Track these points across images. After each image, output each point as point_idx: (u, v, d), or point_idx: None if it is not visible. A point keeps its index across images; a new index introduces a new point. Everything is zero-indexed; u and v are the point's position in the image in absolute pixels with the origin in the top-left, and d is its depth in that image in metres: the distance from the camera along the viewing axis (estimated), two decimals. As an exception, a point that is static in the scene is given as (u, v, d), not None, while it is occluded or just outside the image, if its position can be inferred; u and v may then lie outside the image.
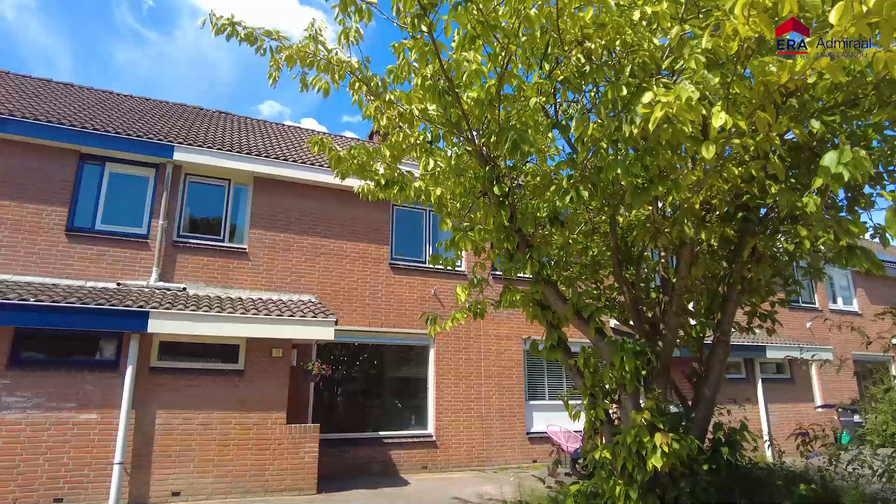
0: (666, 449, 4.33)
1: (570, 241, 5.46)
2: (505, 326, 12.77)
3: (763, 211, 5.36)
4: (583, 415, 5.44)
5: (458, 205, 5.17)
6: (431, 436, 11.55)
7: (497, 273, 12.54)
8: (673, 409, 5.64)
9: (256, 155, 11.14)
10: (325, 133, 16.46)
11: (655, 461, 4.37)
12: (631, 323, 6.04)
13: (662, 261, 5.93)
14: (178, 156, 10.45)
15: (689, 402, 5.86)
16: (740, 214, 4.95)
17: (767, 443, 6.41)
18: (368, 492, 9.11)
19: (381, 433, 11.26)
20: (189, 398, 8.53)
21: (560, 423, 12.08)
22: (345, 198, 11.76)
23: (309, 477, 8.92)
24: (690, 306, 6.58)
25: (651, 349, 5.02)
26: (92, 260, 9.67)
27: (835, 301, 18.99)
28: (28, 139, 9.56)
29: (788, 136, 4.76)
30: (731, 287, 5.40)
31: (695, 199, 4.40)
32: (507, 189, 4.82)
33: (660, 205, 5.35)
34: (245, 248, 10.85)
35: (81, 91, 13.74)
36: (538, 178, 5.39)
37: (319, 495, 8.73)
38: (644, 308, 5.80)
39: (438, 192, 4.79)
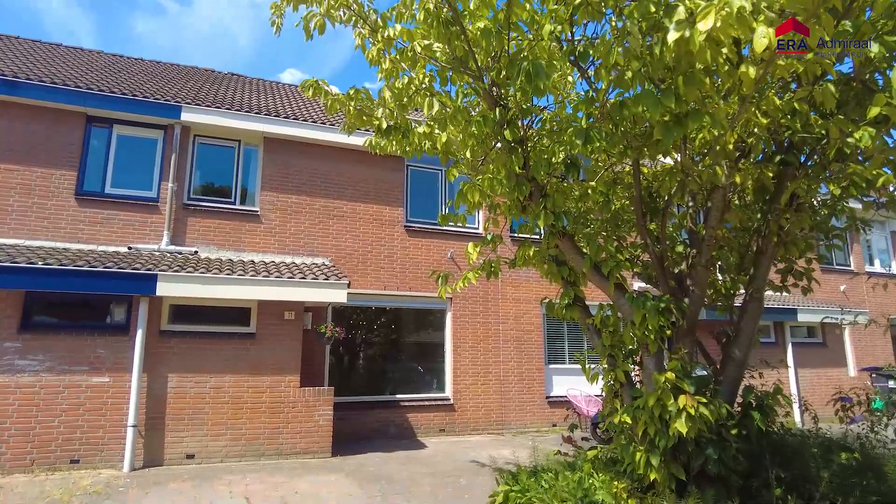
0: (692, 412, 3.98)
1: (589, 189, 5.01)
2: (524, 289, 12.43)
3: (802, 158, 4.85)
4: (601, 378, 5.11)
5: (467, 153, 4.76)
6: (449, 399, 11.40)
7: (515, 236, 12.17)
8: (700, 371, 5.25)
9: (266, 114, 10.80)
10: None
11: (680, 426, 4.03)
12: (655, 280, 5.64)
13: (690, 212, 5.46)
14: (186, 116, 10.17)
15: (717, 365, 5.47)
16: (779, 157, 4.45)
17: (802, 408, 5.98)
18: (383, 454, 9.00)
19: (398, 396, 11.14)
20: (201, 361, 8.44)
21: (580, 387, 11.81)
22: (357, 158, 11.41)
23: (323, 440, 8.83)
24: (719, 263, 6.13)
25: (676, 306, 4.62)
26: (102, 224, 9.54)
27: (871, 263, 18.12)
28: (34, 101, 9.35)
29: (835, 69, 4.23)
30: (766, 239, 4.92)
31: (728, 138, 3.92)
32: (519, 133, 4.39)
33: (687, 153, 4.88)
34: (257, 211, 10.62)
35: (91, 55, 13.50)
36: (555, 124, 4.93)
37: (334, 458, 8.65)
38: (669, 264, 5.36)
39: (444, 138, 4.38)
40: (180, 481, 7.09)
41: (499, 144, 4.77)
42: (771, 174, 4.50)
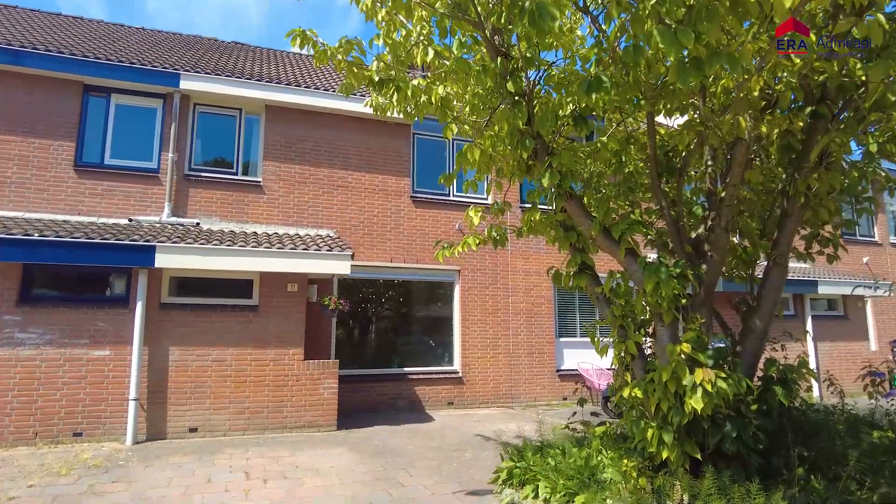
0: (709, 387, 3.67)
1: (599, 144, 4.62)
2: (534, 261, 12.11)
3: (835, 112, 4.41)
4: (612, 350, 4.80)
5: (467, 109, 4.41)
6: (457, 372, 11.22)
7: (526, 206, 11.79)
8: (718, 343, 4.93)
9: (267, 81, 10.45)
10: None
11: (695, 402, 3.73)
12: (670, 248, 5.29)
13: (709, 171, 5.06)
14: (185, 84, 9.86)
15: (736, 336, 5.13)
16: (809, 109, 4.04)
17: (828, 383, 5.63)
18: (390, 428, 8.86)
19: (405, 369, 10.97)
20: (202, 334, 8.29)
21: (592, 360, 11.56)
22: (362, 126, 11.08)
23: (328, 413, 8.69)
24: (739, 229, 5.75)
25: (693, 272, 4.28)
26: (102, 196, 9.36)
27: (897, 234, 17.45)
28: (30, 70, 9.11)
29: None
30: (792, 200, 4.53)
31: (753, 85, 3.52)
32: (522, 84, 4.03)
33: (707, 104, 4.47)
34: (259, 181, 10.36)
35: (91, 24, 13.21)
36: (563, 77, 4.54)
37: (339, 432, 8.51)
38: (685, 228, 4.97)
39: (441, 90, 4.02)
40: (181, 455, 6.99)
41: (503, 105, 4.41)
42: (801, 123, 4.07)
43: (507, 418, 9.90)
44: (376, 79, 4.23)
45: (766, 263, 5.14)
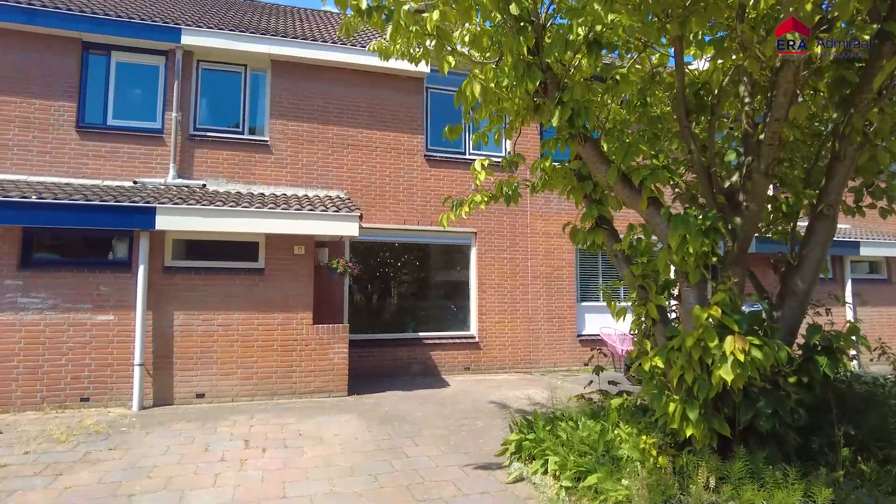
0: (742, 357, 3.16)
1: (619, 76, 4.02)
2: (554, 223, 11.53)
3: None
4: (630, 314, 4.31)
5: (466, 39, 3.86)
6: (474, 337, 10.86)
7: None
8: (753, 307, 4.38)
9: (272, 35, 9.92)
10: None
11: (725, 373, 3.23)
12: (701, 203, 4.71)
13: (746, 110, 4.41)
14: (187, 39, 9.41)
15: (773, 299, 4.57)
16: (874, 26, 3.37)
17: (878, 351, 5.06)
18: (402, 393, 8.58)
19: (420, 334, 10.66)
20: (207, 298, 8.04)
21: (615, 324, 11.05)
22: (372, 81, 10.52)
23: (339, 379, 8.45)
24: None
25: (726, 225, 3.72)
26: (106, 158, 9.09)
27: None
28: (25, 27, 8.76)
29: None
30: (846, 140, 3.88)
31: (806, -6, 2.89)
32: (527, 5, 3.45)
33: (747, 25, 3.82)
34: (266, 140, 9.95)
35: (94, -20, 12.72)
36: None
37: (349, 397, 8.27)
38: (718, 175, 4.36)
39: (436, 16, 3.47)
40: (185, 421, 6.81)
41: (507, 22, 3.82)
42: (866, 37, 3.40)
43: (524, 384, 9.54)
44: (363, 6, 3.70)
45: (808, 220, 4.54)
